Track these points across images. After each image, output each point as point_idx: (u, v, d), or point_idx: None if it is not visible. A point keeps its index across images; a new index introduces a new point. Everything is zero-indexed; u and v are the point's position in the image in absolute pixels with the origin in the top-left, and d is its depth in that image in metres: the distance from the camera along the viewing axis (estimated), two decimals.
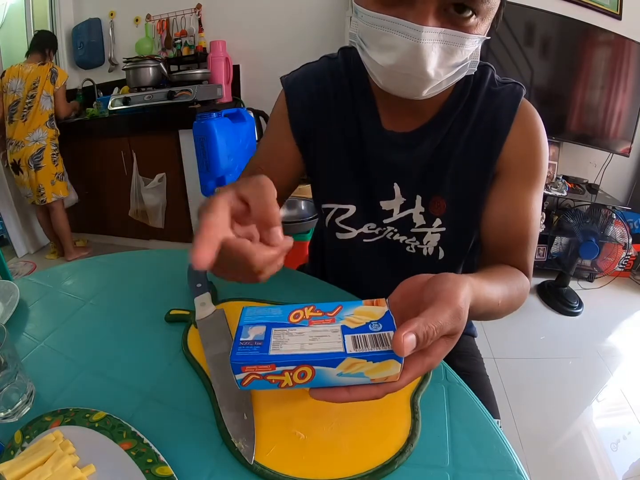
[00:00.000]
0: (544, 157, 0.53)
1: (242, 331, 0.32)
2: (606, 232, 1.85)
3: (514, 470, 0.34)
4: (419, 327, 0.28)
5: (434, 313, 0.30)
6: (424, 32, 0.39)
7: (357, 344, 0.29)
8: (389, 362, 0.29)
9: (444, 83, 0.45)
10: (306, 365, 0.29)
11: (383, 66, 0.43)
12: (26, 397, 0.40)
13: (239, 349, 0.30)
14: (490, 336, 1.66)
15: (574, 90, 1.89)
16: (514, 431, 1.23)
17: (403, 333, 0.28)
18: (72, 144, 2.36)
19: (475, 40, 0.42)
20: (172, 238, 2.41)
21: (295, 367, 0.29)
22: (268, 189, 0.31)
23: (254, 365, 0.29)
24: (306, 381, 0.30)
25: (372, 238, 0.63)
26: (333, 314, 0.33)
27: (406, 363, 0.30)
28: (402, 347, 0.27)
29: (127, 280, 0.65)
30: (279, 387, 0.30)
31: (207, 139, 1.70)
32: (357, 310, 0.33)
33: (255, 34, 2.29)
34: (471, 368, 0.69)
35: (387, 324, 0.31)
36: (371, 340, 0.30)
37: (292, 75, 0.61)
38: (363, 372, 0.29)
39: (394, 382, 0.30)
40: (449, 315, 0.30)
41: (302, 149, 0.61)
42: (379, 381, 0.30)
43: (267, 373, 0.29)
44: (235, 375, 0.30)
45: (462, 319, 0.31)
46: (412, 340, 0.28)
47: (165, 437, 0.36)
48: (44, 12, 2.51)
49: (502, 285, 0.46)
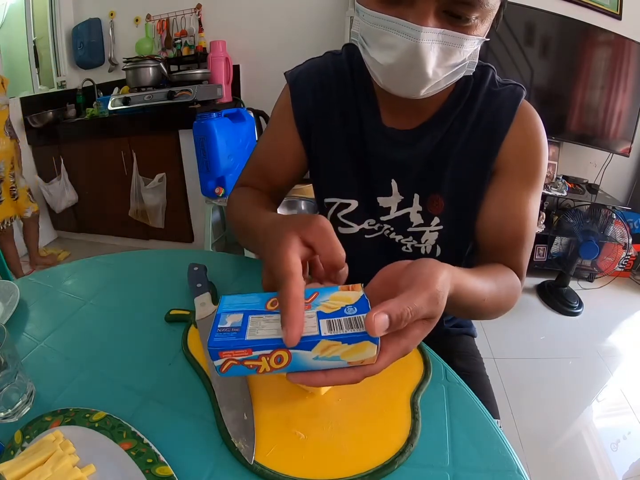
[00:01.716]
0: (543, 157, 0.53)
1: (219, 319, 0.32)
2: (606, 232, 1.85)
3: (514, 470, 0.34)
4: (392, 309, 0.29)
5: (409, 296, 0.30)
6: (423, 32, 0.40)
7: (332, 327, 0.30)
8: (364, 343, 0.29)
9: (442, 83, 0.45)
10: (282, 349, 0.29)
11: (383, 65, 0.44)
12: (26, 397, 0.40)
13: (216, 335, 0.30)
14: (490, 336, 1.66)
15: (574, 90, 1.89)
16: (514, 431, 1.23)
17: (375, 313, 0.28)
18: (72, 144, 2.37)
19: (474, 41, 0.43)
20: (172, 238, 2.41)
21: (271, 352, 0.29)
22: (331, 233, 0.35)
23: (230, 350, 0.29)
24: (283, 366, 0.30)
25: (372, 234, 0.63)
26: (309, 300, 0.33)
27: (383, 345, 0.30)
28: (374, 327, 0.28)
29: (127, 280, 0.65)
30: (257, 372, 0.30)
31: (207, 139, 1.70)
32: (333, 295, 0.33)
33: (255, 34, 2.28)
34: (471, 368, 0.70)
35: (362, 307, 0.31)
36: (346, 323, 0.30)
37: (297, 69, 0.62)
38: (339, 356, 0.30)
39: (372, 365, 0.31)
40: (424, 298, 0.30)
41: (305, 142, 0.61)
42: (355, 364, 0.30)
43: (244, 358, 0.30)
44: (213, 362, 0.30)
45: (440, 304, 0.32)
46: (384, 320, 0.28)
47: (165, 437, 0.36)
48: (44, 12, 2.50)
49: (490, 282, 0.46)
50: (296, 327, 0.28)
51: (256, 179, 0.65)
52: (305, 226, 0.35)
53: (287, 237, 0.34)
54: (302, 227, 0.35)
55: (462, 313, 0.48)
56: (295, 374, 0.31)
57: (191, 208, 2.28)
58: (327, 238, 0.34)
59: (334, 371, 0.31)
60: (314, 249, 0.35)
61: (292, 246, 0.33)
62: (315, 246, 0.35)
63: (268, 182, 0.64)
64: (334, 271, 0.35)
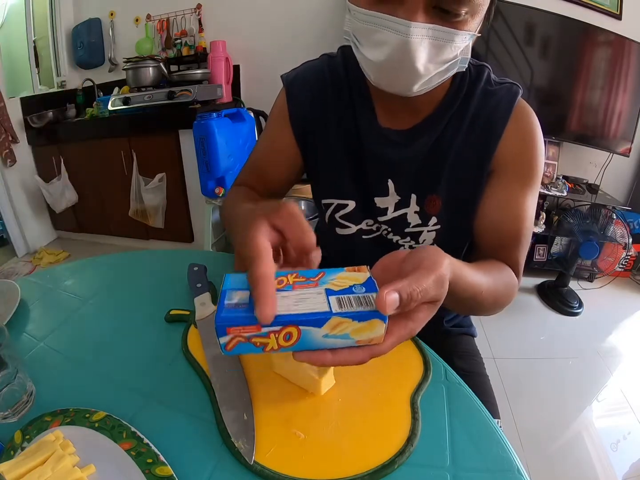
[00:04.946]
0: (539, 157, 0.53)
1: (225, 295, 0.31)
2: (606, 232, 1.85)
3: (514, 470, 0.34)
4: (403, 287, 0.29)
5: (418, 277, 0.30)
6: (413, 28, 0.40)
7: (342, 304, 0.30)
8: (374, 321, 0.29)
9: (434, 79, 0.45)
10: (292, 325, 0.29)
11: (374, 62, 0.44)
12: (26, 397, 0.40)
13: (224, 311, 0.29)
14: (490, 336, 1.65)
15: (574, 90, 1.89)
16: (514, 431, 1.23)
17: (386, 291, 0.28)
18: (72, 144, 2.36)
19: (465, 36, 0.43)
20: (172, 238, 2.41)
21: (281, 328, 0.29)
22: (300, 217, 0.34)
23: (239, 326, 0.29)
24: (291, 344, 0.29)
25: (370, 234, 0.63)
26: (316, 279, 0.33)
27: (390, 326, 0.30)
28: (385, 305, 0.28)
29: (127, 280, 0.65)
30: (264, 350, 0.30)
31: (207, 139, 1.70)
32: (340, 275, 0.33)
33: (255, 34, 2.28)
34: (471, 368, 0.70)
35: (370, 287, 0.31)
36: (355, 300, 0.30)
37: (293, 72, 0.62)
38: (348, 334, 0.29)
39: (378, 345, 0.31)
40: (432, 280, 0.31)
41: (301, 143, 0.62)
42: (363, 343, 0.30)
43: (253, 335, 0.29)
44: (219, 339, 0.29)
45: (445, 287, 0.32)
46: (395, 298, 0.28)
47: (165, 437, 0.36)
48: (44, 12, 2.50)
49: (488, 276, 0.46)
50: (268, 303, 0.28)
51: (252, 180, 0.65)
52: (274, 211, 0.35)
53: (257, 221, 0.34)
54: (271, 212, 0.35)
55: (459, 305, 0.48)
56: (302, 353, 0.30)
57: (191, 208, 2.28)
58: (296, 222, 0.34)
59: (342, 351, 0.30)
60: (283, 234, 0.35)
61: (260, 229, 0.33)
62: (284, 231, 0.34)
63: (264, 184, 0.65)
64: (305, 255, 0.35)
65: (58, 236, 2.84)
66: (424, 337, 0.46)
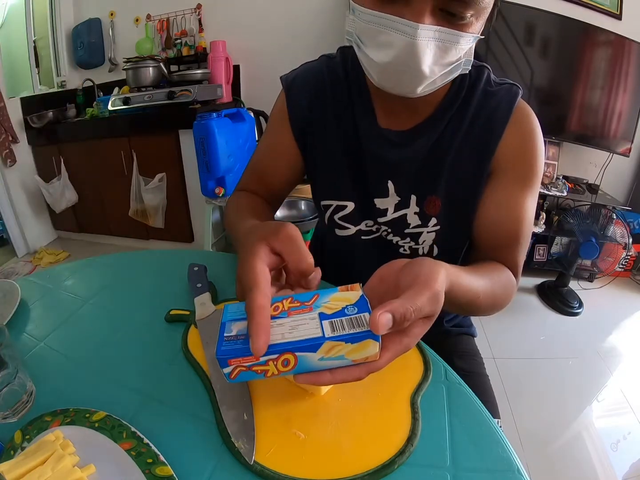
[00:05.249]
0: (539, 158, 0.53)
1: (225, 327, 0.33)
2: (606, 232, 1.85)
3: (514, 470, 0.34)
4: (396, 308, 0.29)
5: (412, 295, 0.31)
6: (420, 30, 0.40)
7: (334, 328, 0.31)
8: (367, 342, 0.30)
9: (438, 81, 0.45)
10: (288, 352, 0.30)
11: (379, 63, 0.44)
12: (26, 397, 0.40)
13: (223, 344, 0.31)
14: (490, 336, 1.66)
15: (574, 90, 1.88)
16: (514, 431, 1.23)
17: (379, 312, 0.29)
18: (72, 144, 2.36)
19: (470, 39, 0.43)
20: (172, 238, 2.41)
21: (278, 356, 0.30)
22: (298, 241, 0.36)
23: (238, 357, 0.30)
24: (290, 368, 0.31)
25: (369, 235, 0.63)
26: (310, 302, 0.34)
27: (385, 342, 0.31)
28: (378, 326, 0.29)
29: (127, 280, 0.65)
30: (265, 376, 0.31)
31: (207, 139, 1.70)
32: (333, 297, 0.34)
33: (255, 34, 2.28)
34: (471, 368, 0.70)
35: (362, 306, 0.32)
36: (348, 323, 0.31)
37: (292, 74, 0.62)
38: (343, 355, 0.31)
39: (375, 362, 0.31)
40: (427, 298, 0.31)
41: (301, 145, 0.62)
42: (359, 362, 0.31)
43: (252, 364, 0.31)
44: (222, 370, 0.31)
45: (440, 302, 0.33)
46: (388, 319, 0.29)
47: (165, 437, 0.36)
48: (44, 12, 2.50)
49: (484, 280, 0.46)
50: (261, 335, 0.29)
51: (254, 183, 0.66)
52: (273, 235, 0.36)
53: (256, 246, 0.35)
54: (270, 235, 0.36)
55: (457, 309, 0.48)
56: (302, 375, 0.31)
57: (191, 208, 2.28)
58: (294, 246, 0.35)
59: (339, 370, 0.31)
60: (282, 257, 0.36)
61: (259, 255, 0.34)
62: (283, 254, 0.36)
63: (266, 187, 0.65)
64: (304, 278, 0.37)
65: (58, 236, 2.84)
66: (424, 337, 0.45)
